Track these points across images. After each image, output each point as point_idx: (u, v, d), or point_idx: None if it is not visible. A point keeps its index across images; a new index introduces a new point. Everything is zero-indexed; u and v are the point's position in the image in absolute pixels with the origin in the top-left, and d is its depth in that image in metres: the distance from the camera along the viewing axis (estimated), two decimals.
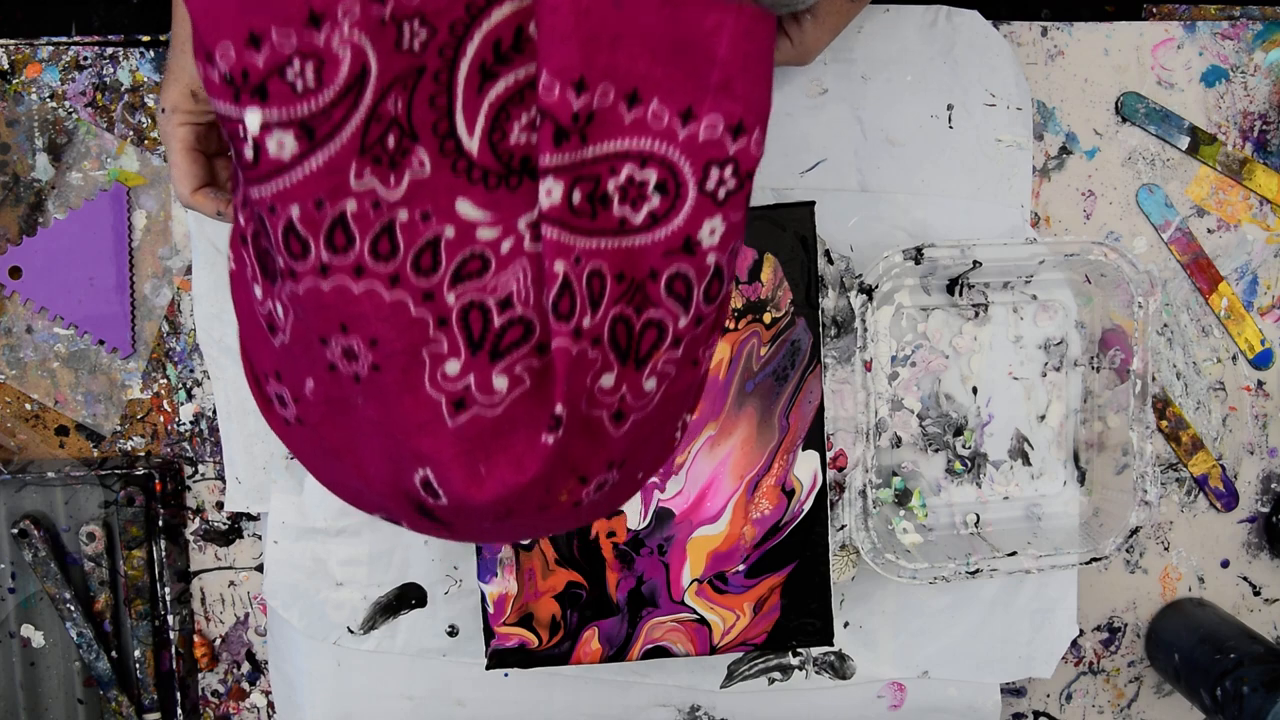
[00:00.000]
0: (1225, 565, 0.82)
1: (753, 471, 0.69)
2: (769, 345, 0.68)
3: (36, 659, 0.75)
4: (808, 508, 0.69)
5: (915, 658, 0.77)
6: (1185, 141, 0.78)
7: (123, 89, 0.74)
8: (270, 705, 0.78)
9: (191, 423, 0.76)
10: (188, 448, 0.76)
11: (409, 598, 0.74)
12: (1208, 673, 0.73)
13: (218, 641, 0.78)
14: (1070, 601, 0.78)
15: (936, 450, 0.77)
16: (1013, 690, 0.82)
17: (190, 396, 0.76)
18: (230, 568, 0.77)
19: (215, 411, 0.75)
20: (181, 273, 0.75)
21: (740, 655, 0.76)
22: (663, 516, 0.69)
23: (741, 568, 0.69)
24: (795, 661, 0.77)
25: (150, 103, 0.74)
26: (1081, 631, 0.81)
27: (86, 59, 0.73)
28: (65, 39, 0.74)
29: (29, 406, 0.76)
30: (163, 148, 0.75)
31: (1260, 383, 0.81)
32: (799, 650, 0.76)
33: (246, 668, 0.78)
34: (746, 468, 0.69)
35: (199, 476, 0.77)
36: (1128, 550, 0.81)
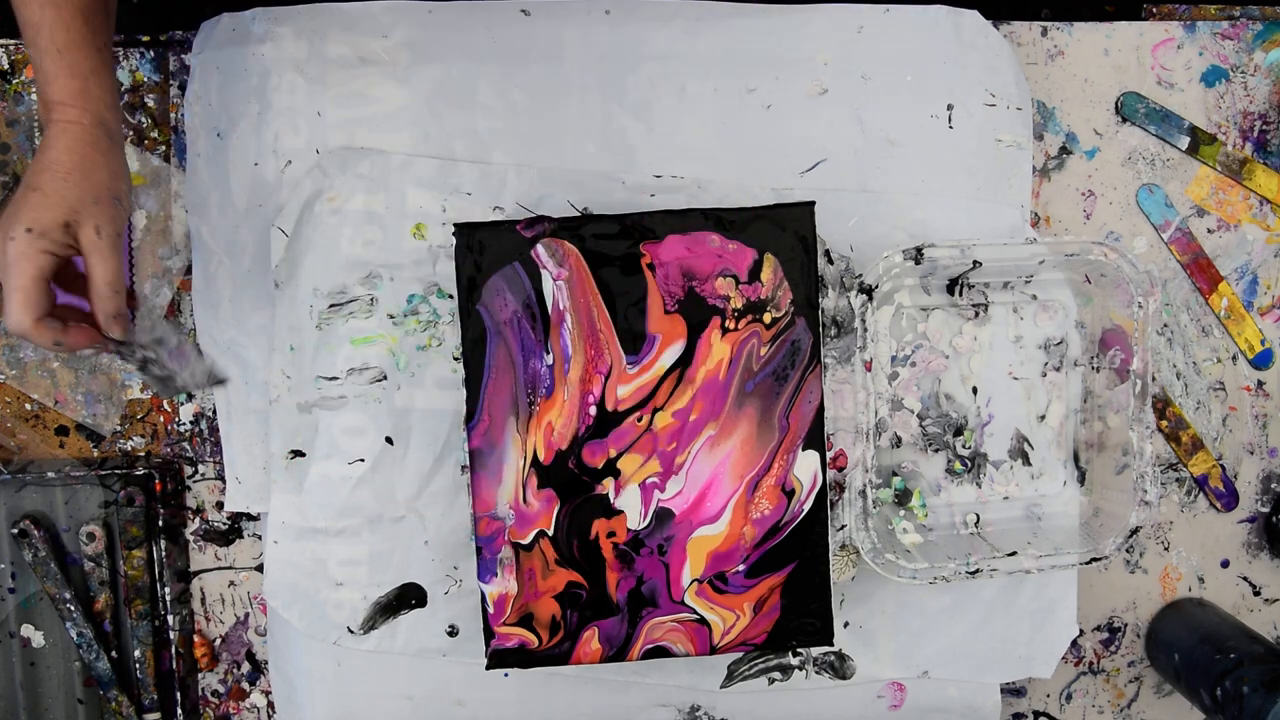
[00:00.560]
0: (1225, 565, 0.82)
1: (753, 471, 0.69)
2: (769, 345, 0.68)
3: (36, 659, 0.75)
4: (808, 508, 0.69)
5: (915, 658, 0.77)
6: (1185, 141, 0.78)
7: (123, 89, 0.74)
8: (270, 705, 0.78)
9: (191, 423, 0.76)
10: (188, 448, 0.76)
11: (409, 598, 0.74)
12: (1208, 673, 0.73)
13: (218, 641, 0.78)
14: (1070, 601, 0.78)
15: (936, 450, 0.77)
16: (1013, 690, 0.82)
17: (190, 396, 0.76)
18: (230, 568, 0.77)
19: (215, 411, 0.75)
20: (181, 273, 0.75)
21: (740, 655, 0.76)
22: (663, 516, 0.69)
23: (741, 568, 0.69)
24: (795, 661, 0.77)
25: (151, 103, 0.74)
26: (1081, 631, 0.81)
27: None
28: None
29: (29, 406, 0.76)
30: (155, 158, 0.74)
31: (1260, 383, 0.81)
32: (799, 650, 0.76)
33: (246, 668, 0.78)
34: (746, 468, 0.69)
35: (199, 476, 0.77)
36: (1128, 550, 0.81)
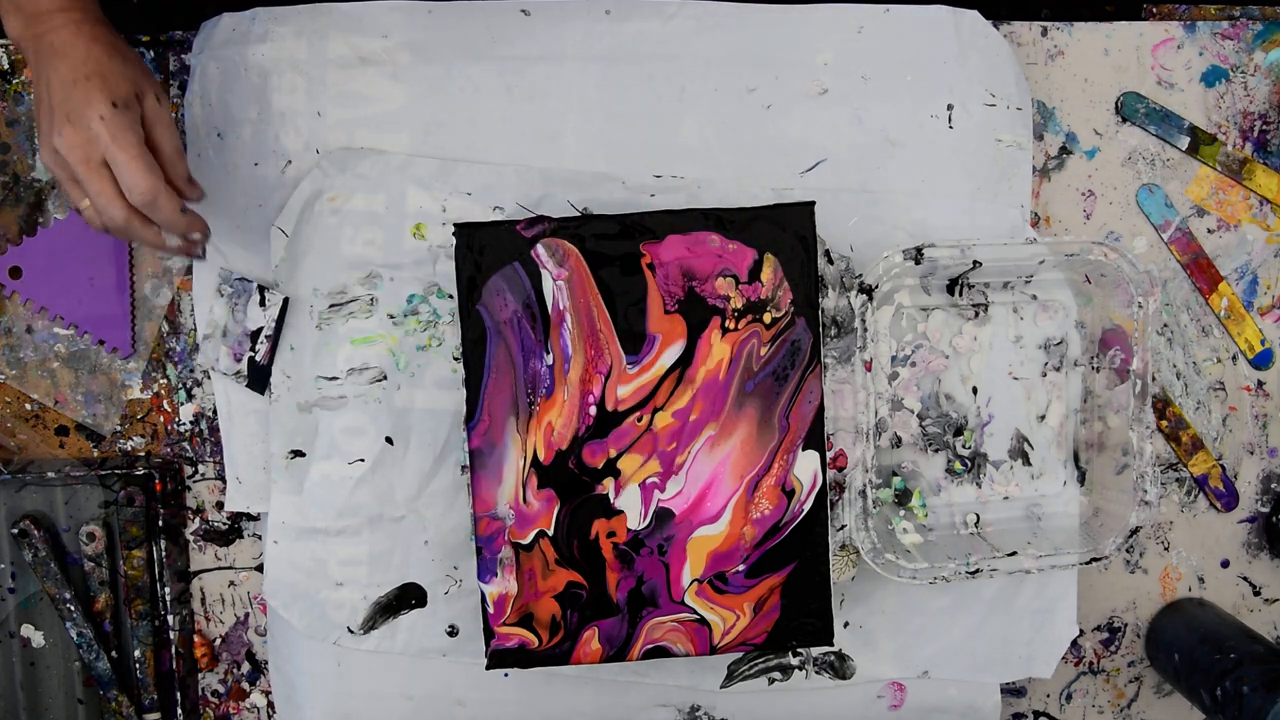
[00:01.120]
0: (1225, 565, 0.82)
1: (753, 471, 0.69)
2: (769, 345, 0.68)
3: (36, 659, 0.75)
4: (808, 508, 0.69)
5: (915, 658, 0.77)
6: (1185, 141, 0.78)
7: None
8: (270, 705, 0.78)
9: (191, 423, 0.76)
10: (188, 448, 0.76)
11: (409, 598, 0.74)
12: (1208, 673, 0.73)
13: (218, 641, 0.78)
14: (1070, 601, 0.78)
15: (936, 450, 0.77)
16: (1013, 690, 0.82)
17: (190, 396, 0.76)
18: (230, 568, 0.77)
19: (215, 411, 0.75)
20: (181, 273, 0.75)
21: (740, 655, 0.76)
22: (663, 516, 0.69)
23: (741, 568, 0.69)
24: (795, 661, 0.77)
25: None
26: (1081, 631, 0.81)
27: None
28: None
29: (29, 406, 0.76)
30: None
31: (1260, 383, 0.80)
32: (799, 650, 0.76)
33: (246, 668, 0.78)
34: (746, 468, 0.69)
35: (199, 476, 0.77)
36: (1128, 550, 0.81)
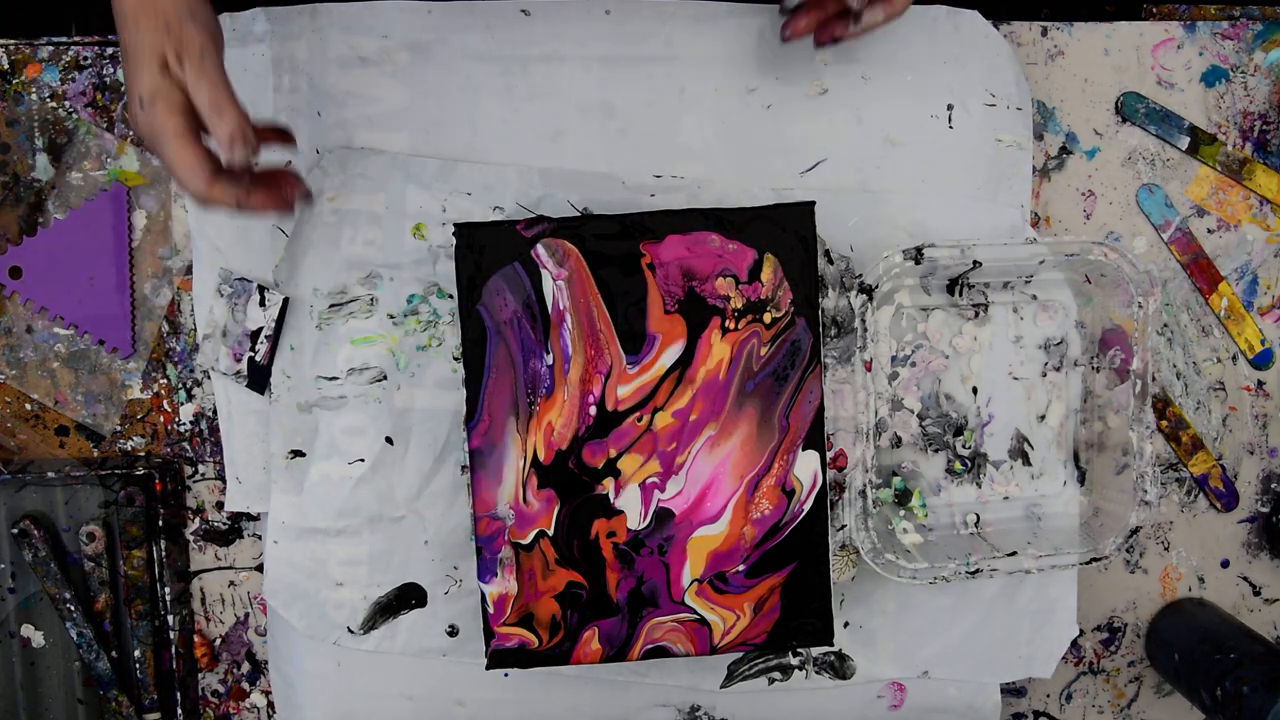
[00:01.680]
0: (1225, 565, 0.82)
1: (753, 471, 0.69)
2: (769, 345, 0.68)
3: (36, 659, 0.75)
4: (808, 508, 0.69)
5: (915, 658, 0.77)
6: (1185, 141, 0.78)
7: (123, 89, 0.74)
8: (270, 705, 0.78)
9: (191, 423, 0.76)
10: (188, 448, 0.76)
11: (409, 598, 0.74)
12: (1208, 673, 0.73)
13: (218, 641, 0.78)
14: (1070, 601, 0.78)
15: (936, 450, 0.77)
16: (1013, 690, 0.82)
17: (190, 396, 0.76)
18: (230, 568, 0.77)
19: (215, 411, 0.75)
20: (181, 273, 0.75)
21: (740, 655, 0.76)
22: (663, 516, 0.69)
23: (741, 568, 0.69)
24: (795, 661, 0.77)
25: None
26: (1081, 631, 0.81)
27: (86, 59, 0.73)
28: (65, 39, 0.74)
29: (29, 406, 0.76)
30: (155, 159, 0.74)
31: (1260, 383, 0.81)
32: (799, 650, 0.76)
33: (246, 668, 0.78)
34: (746, 468, 0.69)
35: (199, 476, 0.77)
36: (1128, 550, 0.81)
